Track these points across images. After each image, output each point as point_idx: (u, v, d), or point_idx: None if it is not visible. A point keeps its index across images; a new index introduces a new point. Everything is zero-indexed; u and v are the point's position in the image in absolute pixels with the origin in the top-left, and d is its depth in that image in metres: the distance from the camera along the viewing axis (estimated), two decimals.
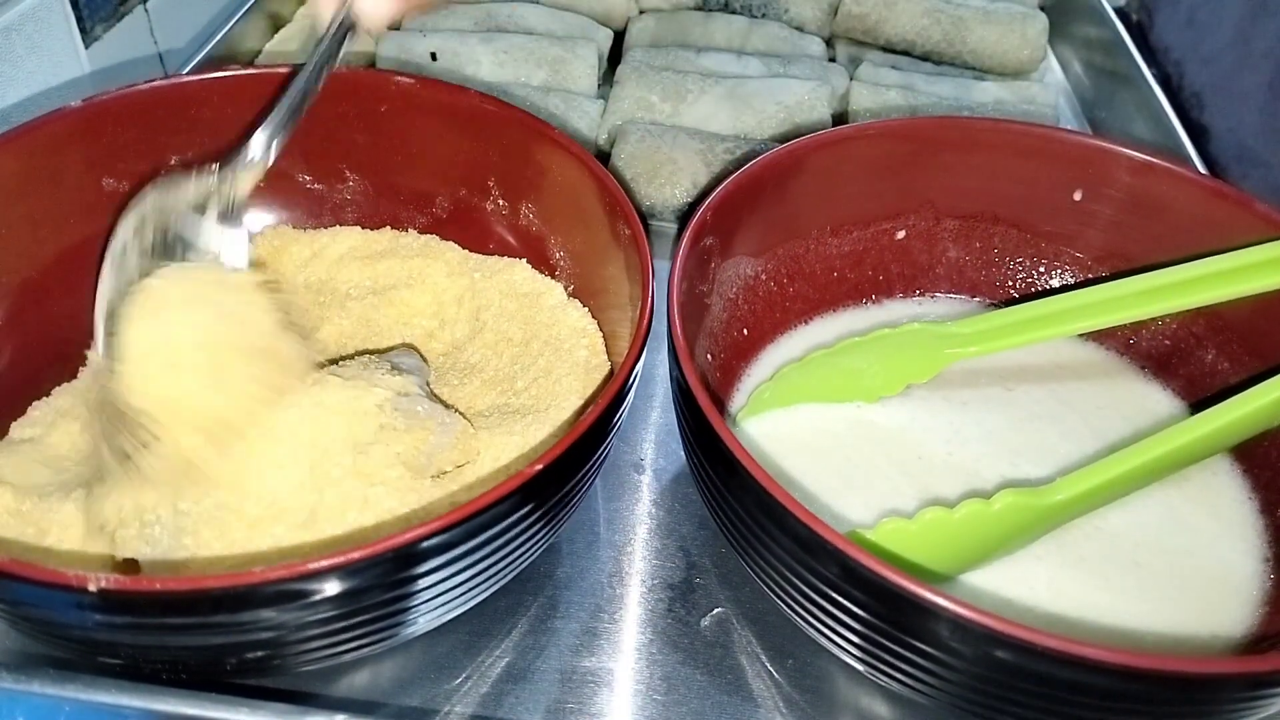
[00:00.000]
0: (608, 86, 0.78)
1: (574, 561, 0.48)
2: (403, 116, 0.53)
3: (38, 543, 0.40)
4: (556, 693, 0.43)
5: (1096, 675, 0.31)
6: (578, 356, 0.48)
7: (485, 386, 0.49)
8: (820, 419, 0.50)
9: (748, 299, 0.52)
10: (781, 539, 0.36)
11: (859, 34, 0.84)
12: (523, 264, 0.53)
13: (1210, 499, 0.47)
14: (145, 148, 0.51)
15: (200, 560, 0.38)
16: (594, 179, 0.48)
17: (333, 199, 0.56)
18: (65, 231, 0.50)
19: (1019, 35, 0.81)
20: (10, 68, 0.61)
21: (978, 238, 0.55)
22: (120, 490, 0.39)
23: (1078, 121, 0.85)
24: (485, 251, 0.54)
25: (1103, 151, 0.52)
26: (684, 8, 0.85)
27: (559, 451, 0.36)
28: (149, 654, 0.36)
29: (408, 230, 0.56)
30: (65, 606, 0.33)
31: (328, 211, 0.56)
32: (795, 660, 0.45)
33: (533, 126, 0.50)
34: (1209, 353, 0.51)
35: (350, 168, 0.55)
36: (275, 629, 0.34)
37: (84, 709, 0.38)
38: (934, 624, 0.33)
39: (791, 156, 0.49)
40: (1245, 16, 0.76)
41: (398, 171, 0.55)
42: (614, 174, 0.65)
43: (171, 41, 0.78)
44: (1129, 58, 0.81)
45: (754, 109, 0.72)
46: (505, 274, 0.53)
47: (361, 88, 0.53)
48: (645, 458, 0.53)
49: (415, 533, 0.33)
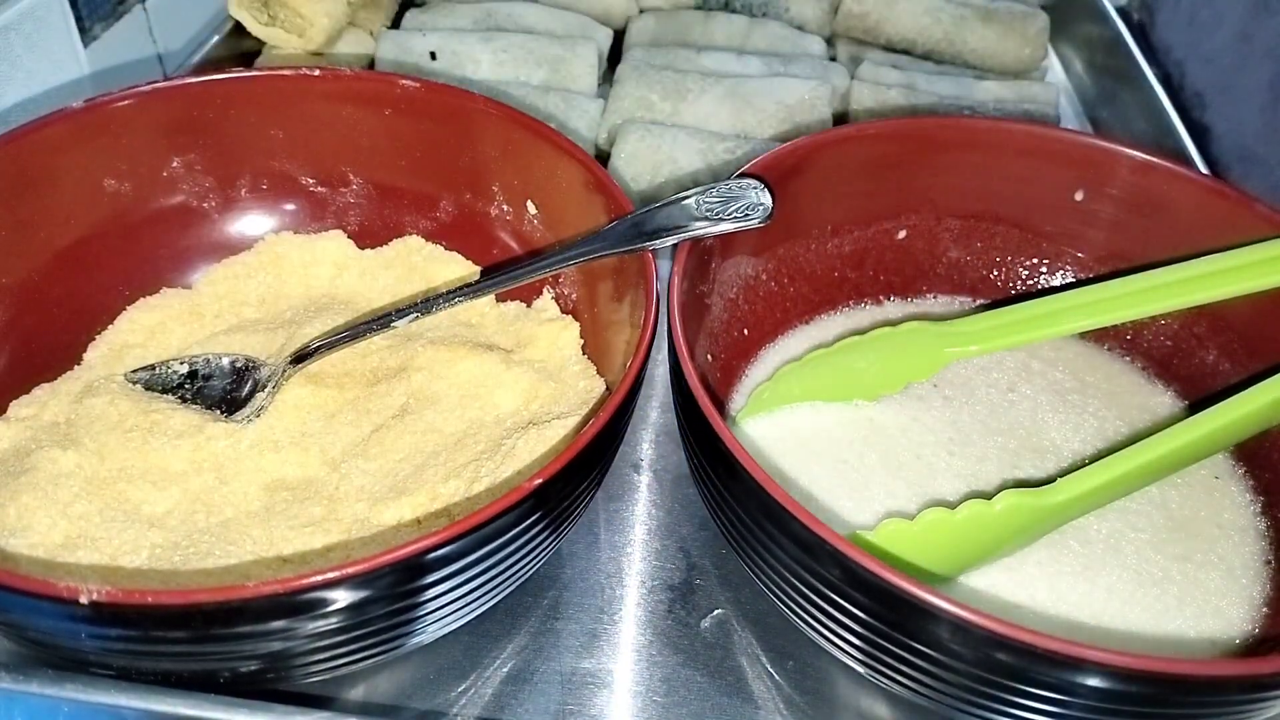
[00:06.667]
0: (607, 86, 0.78)
1: (574, 563, 0.48)
2: (406, 119, 0.53)
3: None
4: (558, 695, 0.43)
5: (1097, 677, 0.31)
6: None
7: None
8: (821, 419, 0.50)
9: (748, 299, 0.52)
10: (782, 540, 0.36)
11: (860, 33, 0.84)
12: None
13: (1212, 501, 0.47)
14: (145, 149, 0.51)
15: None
16: (595, 180, 0.48)
17: (335, 202, 0.56)
18: (65, 232, 0.50)
19: (1020, 34, 0.81)
20: (9, 67, 0.61)
21: (979, 237, 0.55)
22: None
23: (1079, 121, 0.85)
24: (489, 256, 0.54)
25: (1104, 151, 0.52)
26: (684, 7, 0.85)
27: (559, 466, 0.35)
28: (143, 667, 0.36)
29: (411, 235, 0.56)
30: (55, 618, 0.33)
31: (330, 215, 0.56)
32: (796, 662, 0.44)
33: (535, 129, 0.50)
34: (1210, 353, 0.51)
35: (353, 170, 0.55)
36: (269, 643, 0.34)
37: (82, 709, 0.38)
38: (935, 626, 0.33)
39: (792, 156, 0.49)
40: (1246, 16, 0.76)
41: (401, 175, 0.55)
42: (614, 174, 0.65)
43: (170, 42, 0.78)
44: (1130, 57, 0.81)
45: (754, 108, 0.72)
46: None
47: (365, 90, 0.53)
48: (645, 458, 0.53)
49: (413, 547, 0.32)
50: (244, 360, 0.49)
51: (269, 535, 0.42)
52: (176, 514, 0.43)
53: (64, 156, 0.49)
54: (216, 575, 0.40)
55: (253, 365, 0.49)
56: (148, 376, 0.49)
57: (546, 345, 0.50)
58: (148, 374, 0.49)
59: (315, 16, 0.72)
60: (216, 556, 0.41)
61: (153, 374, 0.49)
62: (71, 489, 0.42)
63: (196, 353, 0.50)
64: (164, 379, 0.49)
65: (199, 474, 0.44)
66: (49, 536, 0.41)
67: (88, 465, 0.43)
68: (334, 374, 0.49)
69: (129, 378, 0.49)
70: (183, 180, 0.53)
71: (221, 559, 0.41)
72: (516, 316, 0.53)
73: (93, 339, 0.50)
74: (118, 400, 0.46)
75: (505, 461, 0.43)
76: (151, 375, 0.49)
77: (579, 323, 0.51)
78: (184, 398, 0.48)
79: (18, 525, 0.41)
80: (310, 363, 0.48)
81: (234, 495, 0.44)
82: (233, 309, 0.53)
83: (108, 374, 0.49)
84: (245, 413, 0.47)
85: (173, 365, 0.49)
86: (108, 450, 0.44)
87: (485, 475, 0.43)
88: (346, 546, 0.42)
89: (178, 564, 0.40)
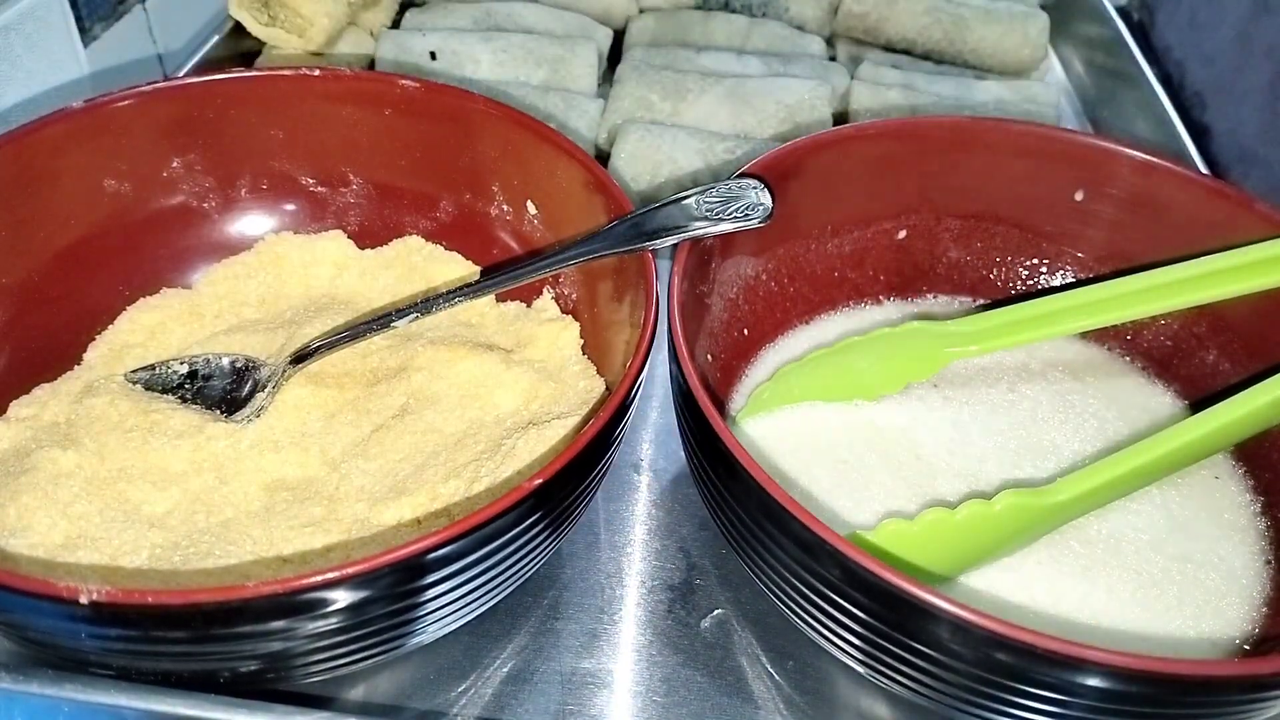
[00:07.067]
0: (607, 86, 0.78)
1: (574, 563, 0.48)
2: (406, 119, 0.53)
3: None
4: (558, 695, 0.43)
5: (1097, 677, 0.31)
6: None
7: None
8: (821, 419, 0.50)
9: (748, 299, 0.52)
10: (782, 540, 0.36)
11: (859, 33, 0.84)
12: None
13: (1212, 501, 0.47)
14: (145, 149, 0.51)
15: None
16: (595, 180, 0.48)
17: (335, 202, 0.56)
18: (65, 232, 0.50)
19: (1020, 34, 0.81)
20: (9, 67, 0.61)
21: (979, 238, 0.55)
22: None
23: (1079, 121, 0.85)
24: (489, 256, 0.54)
25: (1104, 151, 0.52)
26: (684, 7, 0.85)
27: (559, 466, 0.35)
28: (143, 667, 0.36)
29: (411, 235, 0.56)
30: (55, 619, 0.33)
31: (330, 215, 0.56)
32: (796, 662, 0.44)
33: (535, 130, 0.50)
34: (1210, 353, 0.51)
35: (353, 170, 0.55)
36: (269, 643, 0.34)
37: (82, 709, 0.38)
38: (935, 626, 0.33)
39: (792, 156, 0.49)
40: (1247, 16, 0.76)
41: (401, 175, 0.55)
42: (614, 174, 0.65)
43: (170, 41, 0.78)
44: (1130, 57, 0.81)
45: (754, 108, 0.72)
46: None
47: (365, 90, 0.53)
48: (645, 458, 0.53)
49: (413, 548, 0.32)
50: (244, 360, 0.49)
51: (269, 535, 0.42)
52: (176, 514, 0.43)
53: (64, 156, 0.49)
54: (217, 575, 0.40)
55: (253, 365, 0.49)
56: (148, 376, 0.49)
57: (546, 345, 0.50)
58: (148, 374, 0.49)
59: (315, 16, 0.72)
60: (216, 557, 0.41)
61: (153, 374, 0.49)
62: (71, 489, 0.42)
63: (196, 353, 0.50)
64: (164, 379, 0.49)
65: (199, 474, 0.44)
66: (49, 536, 0.41)
67: (88, 465, 0.43)
68: (334, 374, 0.49)
69: (129, 378, 0.49)
70: (183, 180, 0.53)
71: (221, 559, 0.41)
72: (516, 316, 0.53)
73: (93, 339, 0.50)
74: (118, 400, 0.46)
75: (505, 461, 0.43)
76: (151, 375, 0.49)
77: (579, 323, 0.51)
78: (184, 398, 0.48)
79: (18, 525, 0.41)
80: (310, 363, 0.48)
81: (234, 495, 0.44)
82: (233, 309, 0.53)
83: (108, 374, 0.49)
84: (245, 413, 0.47)
85: (173, 365, 0.49)
86: (108, 450, 0.44)
87: (485, 475, 0.43)
88: (346, 547, 0.42)
89: (178, 564, 0.40)
